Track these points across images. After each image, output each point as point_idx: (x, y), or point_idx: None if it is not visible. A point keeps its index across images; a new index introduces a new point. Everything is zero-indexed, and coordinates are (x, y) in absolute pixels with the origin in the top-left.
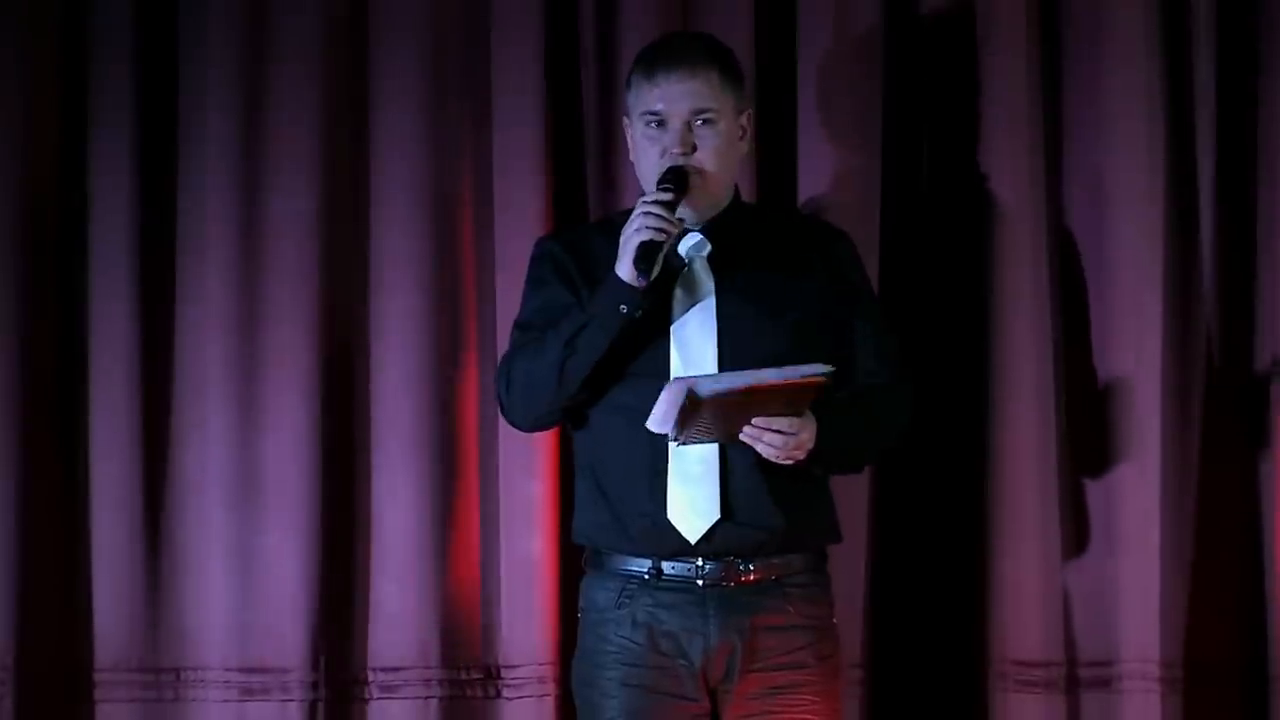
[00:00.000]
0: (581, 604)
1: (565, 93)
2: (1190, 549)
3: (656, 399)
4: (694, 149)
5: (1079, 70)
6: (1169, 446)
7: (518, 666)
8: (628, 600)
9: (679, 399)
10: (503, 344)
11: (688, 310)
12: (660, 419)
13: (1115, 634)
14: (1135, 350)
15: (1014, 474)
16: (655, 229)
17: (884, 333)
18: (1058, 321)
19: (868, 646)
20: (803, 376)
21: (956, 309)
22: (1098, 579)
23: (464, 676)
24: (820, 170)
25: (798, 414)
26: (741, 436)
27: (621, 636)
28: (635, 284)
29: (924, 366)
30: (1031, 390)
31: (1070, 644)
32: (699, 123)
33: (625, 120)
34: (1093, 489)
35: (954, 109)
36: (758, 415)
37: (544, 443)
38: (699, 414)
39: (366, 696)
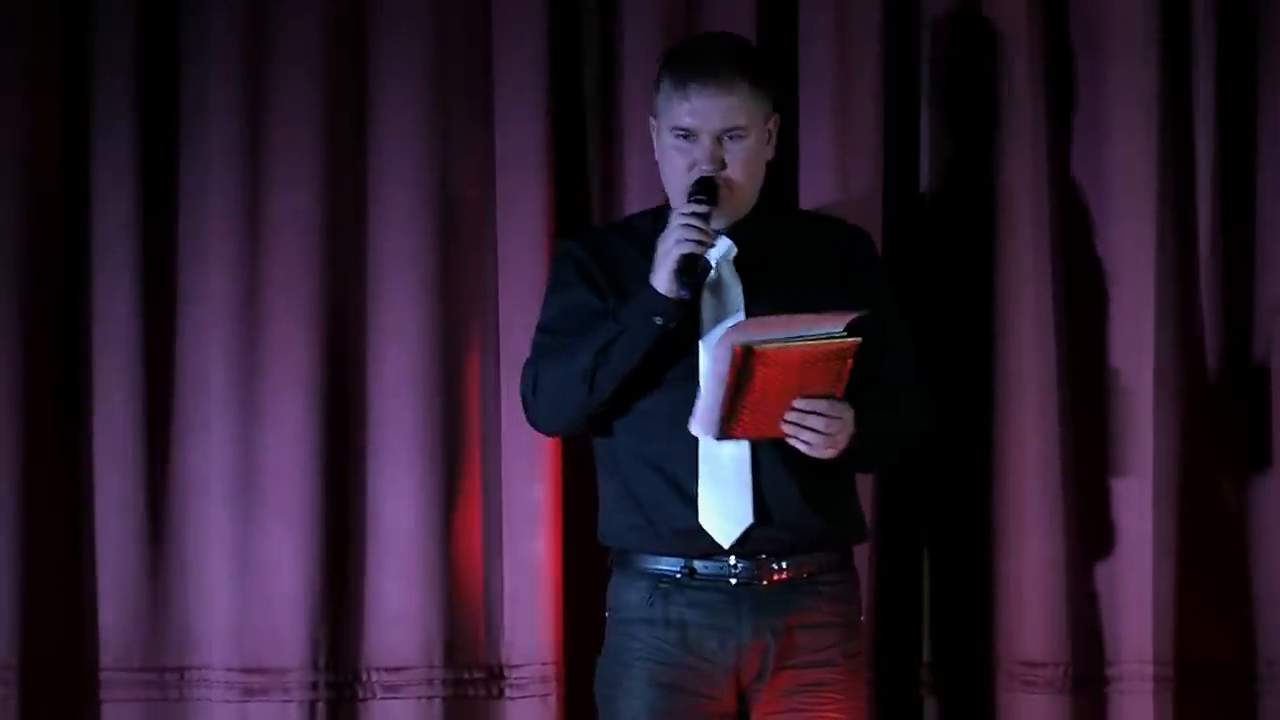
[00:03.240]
0: (610, 604)
1: (568, 90)
2: (1189, 548)
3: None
4: (723, 164)
5: (1081, 66)
6: (1165, 446)
7: (521, 666)
8: (659, 600)
9: (726, 359)
10: (505, 342)
11: (718, 318)
12: (702, 414)
13: (1119, 634)
14: (1132, 349)
15: (1019, 472)
16: (695, 241)
17: (904, 334)
18: (1062, 320)
19: (874, 646)
20: (832, 337)
21: (960, 307)
22: (1102, 578)
23: (467, 676)
24: (821, 168)
25: (836, 396)
26: (783, 423)
27: (653, 636)
28: (676, 296)
29: (928, 365)
30: (1036, 388)
31: (1078, 644)
32: (729, 138)
33: (652, 121)
34: (1093, 487)
35: (956, 106)
36: (798, 395)
37: (547, 442)
38: (748, 380)
39: (368, 696)
